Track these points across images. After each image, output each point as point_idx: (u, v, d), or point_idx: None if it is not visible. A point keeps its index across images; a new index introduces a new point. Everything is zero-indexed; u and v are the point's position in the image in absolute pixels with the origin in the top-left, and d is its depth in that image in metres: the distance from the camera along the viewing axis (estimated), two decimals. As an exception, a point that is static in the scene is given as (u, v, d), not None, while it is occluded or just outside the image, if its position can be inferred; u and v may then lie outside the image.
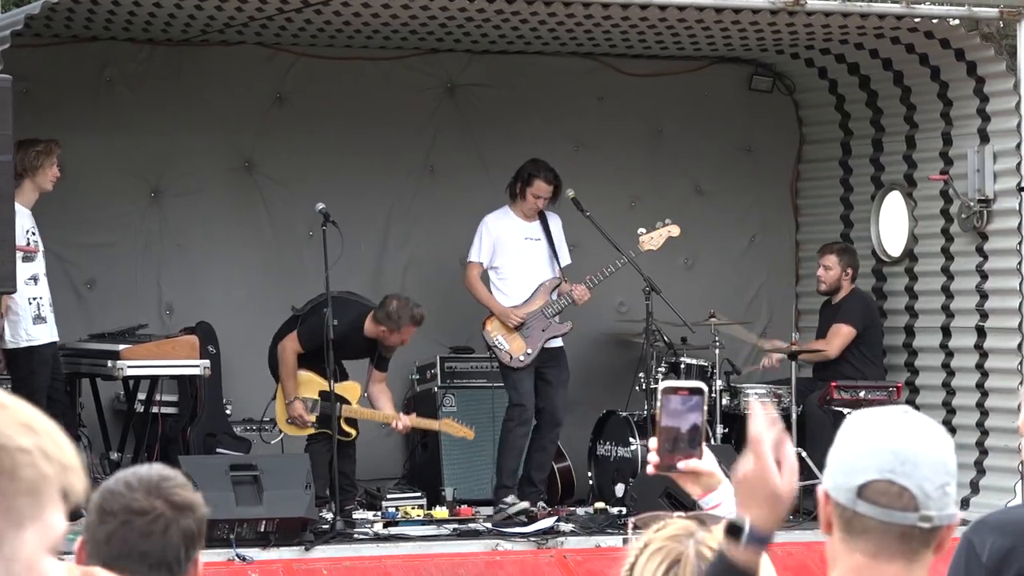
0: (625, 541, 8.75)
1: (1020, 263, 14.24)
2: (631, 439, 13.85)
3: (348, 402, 14.10)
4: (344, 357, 14.17)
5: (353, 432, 14.20)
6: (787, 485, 4.04)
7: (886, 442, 3.47)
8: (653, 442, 4.55)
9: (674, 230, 14.52)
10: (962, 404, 15.21)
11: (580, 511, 14.75)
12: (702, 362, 14.81)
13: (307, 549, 12.93)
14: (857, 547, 3.45)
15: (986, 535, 5.39)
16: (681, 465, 4.44)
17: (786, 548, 10.41)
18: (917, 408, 15.13)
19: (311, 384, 14.11)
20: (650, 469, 4.56)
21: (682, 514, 4.21)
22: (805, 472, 14.46)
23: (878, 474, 3.41)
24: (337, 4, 13.39)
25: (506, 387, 14.59)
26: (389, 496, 14.44)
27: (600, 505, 14.78)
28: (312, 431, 13.90)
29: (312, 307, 13.95)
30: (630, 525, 4.14)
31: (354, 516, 14.04)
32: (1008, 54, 14.27)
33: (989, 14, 14.12)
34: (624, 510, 12.41)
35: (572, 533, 14.04)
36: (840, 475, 3.45)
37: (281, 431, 14.21)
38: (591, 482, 15.61)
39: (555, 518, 14.22)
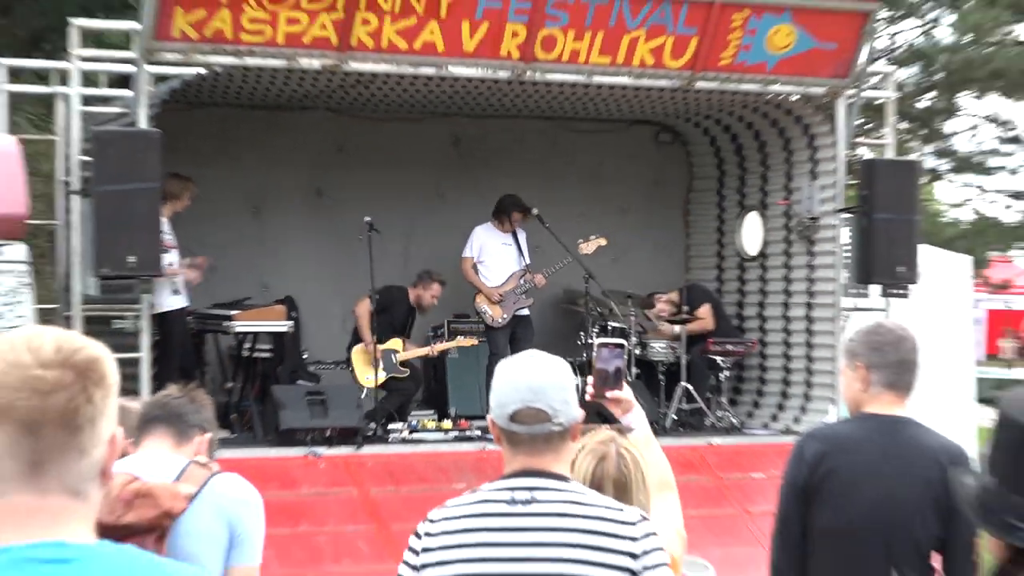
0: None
1: (835, 261, 14.77)
2: (577, 376, 13.49)
3: (397, 352, 14.45)
4: (393, 321, 14.38)
5: (407, 371, 14.63)
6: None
7: (522, 379, 4.06)
8: (590, 379, 5.16)
9: (602, 241, 14.86)
10: (795, 354, 15.39)
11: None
12: (622, 325, 14.93)
13: (358, 448, 13.14)
14: (520, 452, 4.04)
15: (809, 442, 5.67)
16: (608, 395, 5.02)
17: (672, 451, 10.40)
18: (764, 357, 15.72)
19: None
20: (587, 397, 5.14)
21: (607, 427, 4.76)
22: (689, 398, 14.95)
23: (521, 404, 4.00)
24: (379, 83, 13.89)
25: (488, 341, 14.92)
26: (413, 413, 14.79)
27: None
28: (382, 380, 14.05)
29: (381, 289, 14.20)
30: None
31: (389, 426, 14.36)
32: (830, 119, 14.61)
33: (818, 92, 14.45)
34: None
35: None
36: (498, 408, 4.00)
37: (362, 386, 14.27)
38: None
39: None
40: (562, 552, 3.82)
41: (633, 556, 3.82)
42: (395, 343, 14.35)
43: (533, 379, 4.01)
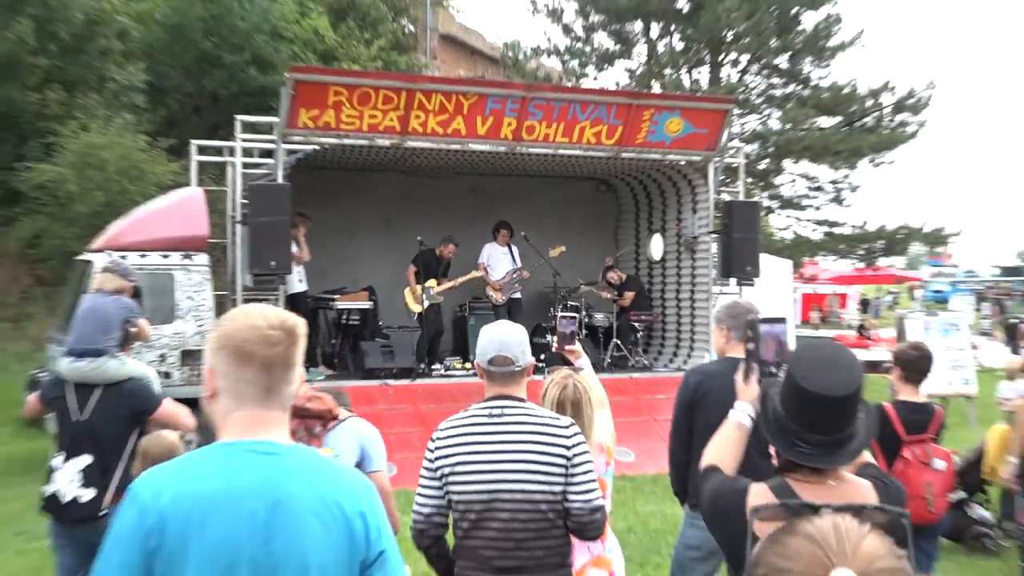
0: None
1: (708, 264, 14.83)
2: (547, 336, 13.29)
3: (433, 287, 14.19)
4: (428, 269, 14.14)
5: (441, 298, 14.36)
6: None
7: (496, 338, 4.07)
8: (555, 338, 5.22)
9: (562, 247, 14.63)
10: (684, 321, 15.32)
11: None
12: (576, 303, 14.83)
13: (412, 380, 13.09)
14: (494, 383, 4.05)
15: (692, 375, 5.51)
16: (566, 348, 5.09)
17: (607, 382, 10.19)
18: (664, 323, 15.62)
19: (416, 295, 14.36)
20: (553, 349, 5.21)
21: (567, 368, 4.75)
22: (618, 348, 14.89)
23: (495, 353, 4.02)
24: (426, 154, 13.92)
25: (493, 314, 14.51)
26: (447, 359, 14.75)
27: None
28: (425, 306, 13.90)
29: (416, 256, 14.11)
30: (546, 372, 4.36)
31: (432, 367, 14.16)
32: (704, 175, 14.62)
33: (696, 159, 14.42)
34: (544, 365, 11.32)
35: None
36: (480, 355, 4.05)
37: (412, 310, 14.24)
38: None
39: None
40: (521, 446, 3.85)
41: (566, 447, 3.85)
42: (431, 282, 14.10)
43: (502, 338, 4.05)
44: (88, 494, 5.46)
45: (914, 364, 6.21)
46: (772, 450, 2.97)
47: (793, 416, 2.82)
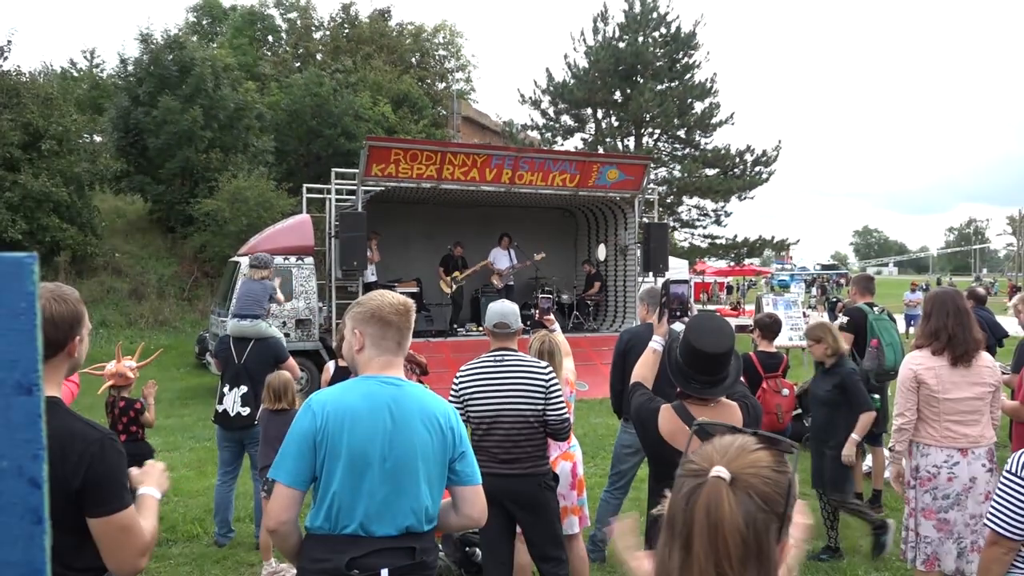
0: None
1: (636, 262, 14.73)
2: (532, 309, 13.30)
3: (457, 275, 14.15)
4: (450, 266, 14.03)
5: (464, 282, 14.24)
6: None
7: (498, 309, 4.03)
8: (537, 311, 5.12)
9: (544, 254, 14.44)
10: (619, 299, 15.26)
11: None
12: (551, 288, 14.49)
13: (446, 337, 13.12)
14: (497, 340, 4.00)
15: (624, 334, 5.43)
16: (544, 318, 4.98)
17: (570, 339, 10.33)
18: (607, 300, 15.42)
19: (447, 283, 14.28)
20: (536, 318, 5.10)
21: (545, 330, 4.66)
22: (577, 317, 14.73)
23: (498, 319, 4.00)
24: (454, 192, 13.76)
25: (498, 295, 14.08)
26: (467, 324, 14.66)
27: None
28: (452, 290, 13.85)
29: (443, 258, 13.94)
30: (532, 333, 4.33)
31: (458, 329, 14.24)
32: (633, 206, 14.52)
33: (627, 196, 14.40)
34: (530, 329, 11.57)
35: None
36: (488, 321, 4.02)
37: (444, 292, 14.05)
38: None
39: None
40: (515, 380, 3.87)
41: (544, 381, 3.86)
42: (456, 274, 13.98)
43: (502, 310, 4.06)
44: (246, 411, 5.63)
45: (768, 327, 6.24)
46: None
47: (688, 364, 2.86)
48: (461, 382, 3.94)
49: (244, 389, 5.64)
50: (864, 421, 5.28)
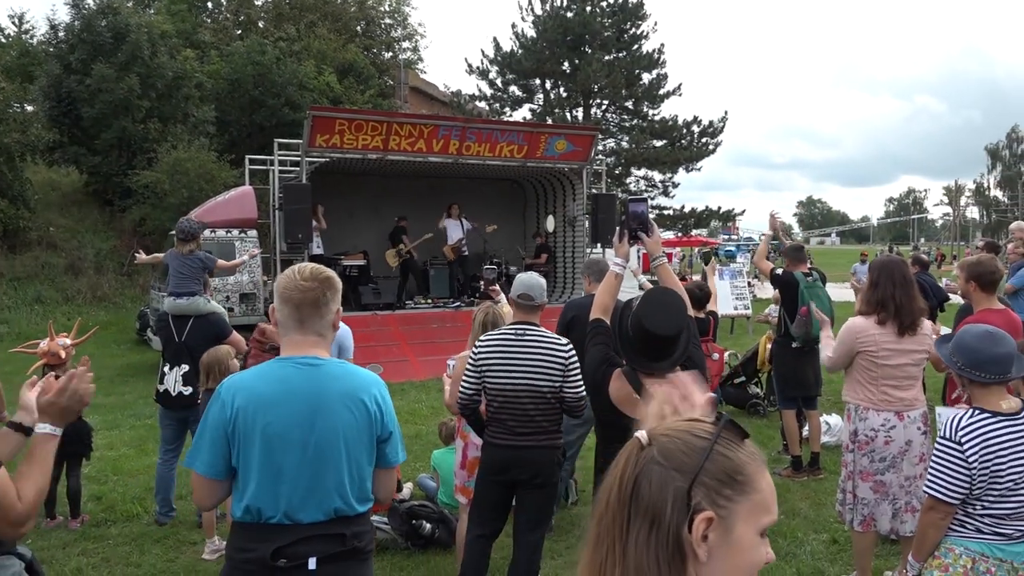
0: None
1: (585, 233, 14.77)
2: (479, 280, 13.28)
3: (403, 247, 14.08)
4: (396, 239, 13.83)
5: (408, 255, 14.03)
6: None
7: (525, 280, 3.90)
8: (483, 282, 5.06)
9: (495, 226, 14.48)
10: (568, 269, 15.19)
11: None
12: (498, 259, 14.50)
13: (394, 310, 12.95)
14: (520, 312, 3.90)
15: (568, 307, 5.49)
16: (491, 288, 4.92)
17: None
18: (555, 271, 15.45)
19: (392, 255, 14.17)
20: (483, 289, 5.04)
21: (490, 301, 4.70)
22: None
23: (523, 290, 3.88)
24: (400, 164, 13.55)
25: (448, 268, 14.53)
26: (415, 297, 14.48)
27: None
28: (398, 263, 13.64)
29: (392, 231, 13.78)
30: (476, 303, 4.30)
31: (406, 301, 13.98)
32: (581, 177, 14.50)
33: (576, 167, 14.35)
34: (476, 299, 11.39)
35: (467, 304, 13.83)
36: (514, 291, 3.87)
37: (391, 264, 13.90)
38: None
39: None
40: (535, 356, 3.79)
41: (564, 358, 3.78)
42: (400, 246, 13.86)
43: (529, 282, 3.96)
44: (187, 390, 5.53)
45: (697, 299, 6.35)
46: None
47: (636, 341, 2.82)
48: (480, 352, 3.85)
49: (185, 368, 5.51)
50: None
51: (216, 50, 25.51)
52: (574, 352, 3.80)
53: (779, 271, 6.81)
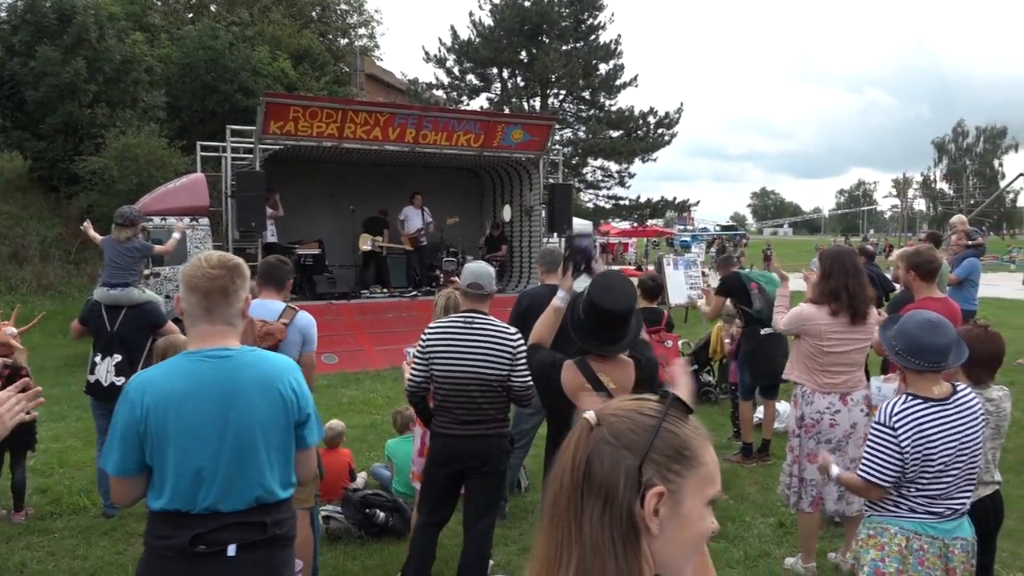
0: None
1: (541, 222, 14.80)
2: (436, 270, 13.19)
3: (370, 238, 13.92)
4: (370, 230, 13.67)
5: (381, 249, 14.02)
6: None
7: (474, 269, 3.90)
8: (442, 273, 5.04)
9: (456, 218, 14.38)
10: (524, 259, 15.25)
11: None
12: (456, 250, 14.49)
13: (349, 299, 12.85)
14: (469, 300, 3.88)
15: (523, 296, 5.47)
16: (450, 278, 4.90)
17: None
18: (512, 260, 15.47)
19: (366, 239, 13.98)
20: (442, 280, 5.03)
21: (451, 288, 4.67)
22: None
23: (472, 278, 3.89)
24: (356, 152, 13.44)
25: (406, 258, 14.42)
26: (372, 286, 14.35)
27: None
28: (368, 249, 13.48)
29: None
30: (438, 291, 4.30)
31: (362, 291, 14.00)
32: (538, 166, 14.54)
33: (532, 156, 14.29)
34: (436, 288, 11.25)
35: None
36: (463, 280, 3.86)
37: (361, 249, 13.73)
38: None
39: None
40: (483, 344, 3.78)
41: (512, 347, 3.78)
42: (379, 238, 13.85)
43: (478, 271, 3.93)
44: (120, 380, 5.35)
45: (649, 289, 6.48)
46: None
47: (589, 321, 2.86)
48: (428, 340, 3.84)
49: (118, 358, 5.37)
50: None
51: (167, 34, 24.94)
52: (523, 341, 3.80)
53: (720, 282, 7.02)
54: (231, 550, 2.16)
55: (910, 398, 2.80)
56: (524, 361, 3.75)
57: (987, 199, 59.95)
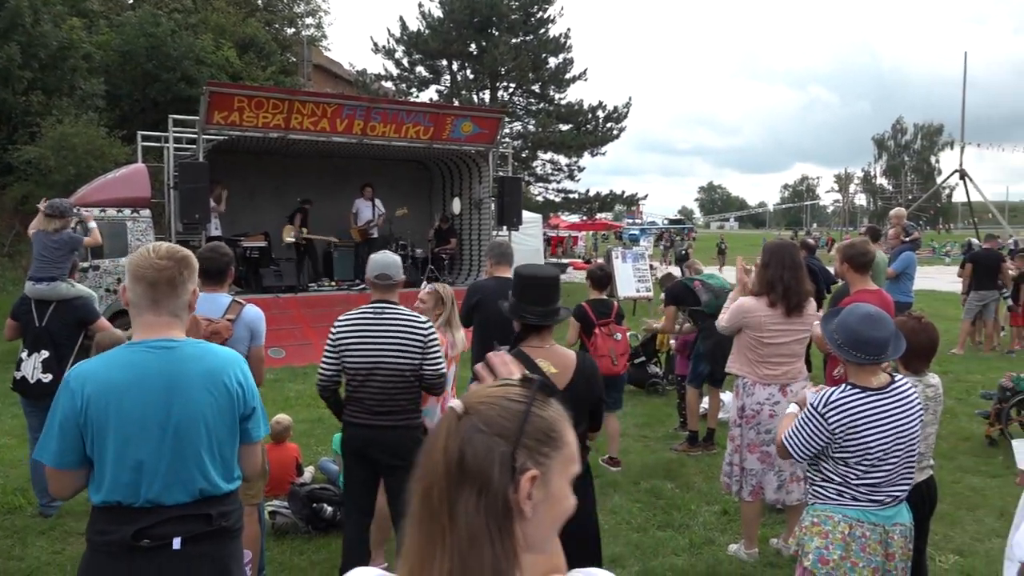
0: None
1: (491, 215, 14.77)
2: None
3: (294, 230, 13.82)
4: (294, 220, 13.54)
5: (305, 242, 13.85)
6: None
7: (381, 260, 3.92)
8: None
9: (405, 210, 14.34)
10: (474, 252, 15.28)
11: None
12: (405, 242, 14.44)
13: (296, 293, 12.71)
14: (378, 291, 3.87)
15: (471, 289, 5.45)
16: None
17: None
18: (462, 253, 15.43)
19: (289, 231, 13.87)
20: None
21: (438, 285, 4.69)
22: (432, 270, 14.65)
23: (380, 269, 3.89)
24: (302, 143, 13.29)
25: (355, 251, 14.29)
26: (319, 280, 14.30)
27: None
28: (292, 241, 13.35)
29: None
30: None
31: (309, 284, 13.89)
32: (487, 159, 14.53)
33: (482, 149, 14.35)
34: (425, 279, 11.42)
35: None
36: (370, 272, 3.90)
37: (286, 241, 13.64)
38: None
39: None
40: (393, 333, 3.77)
41: (423, 336, 3.78)
42: (303, 229, 13.66)
43: (385, 261, 3.93)
44: (47, 377, 5.25)
45: (599, 279, 6.53)
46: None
47: (520, 297, 2.92)
48: (338, 331, 3.84)
49: (46, 354, 5.23)
50: None
51: (106, 20, 24.31)
52: (433, 329, 3.86)
53: (666, 293, 7.18)
54: (176, 543, 2.14)
55: (848, 388, 2.90)
56: (436, 349, 3.83)
57: (924, 195, 61.72)
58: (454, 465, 1.02)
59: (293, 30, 32.64)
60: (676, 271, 15.08)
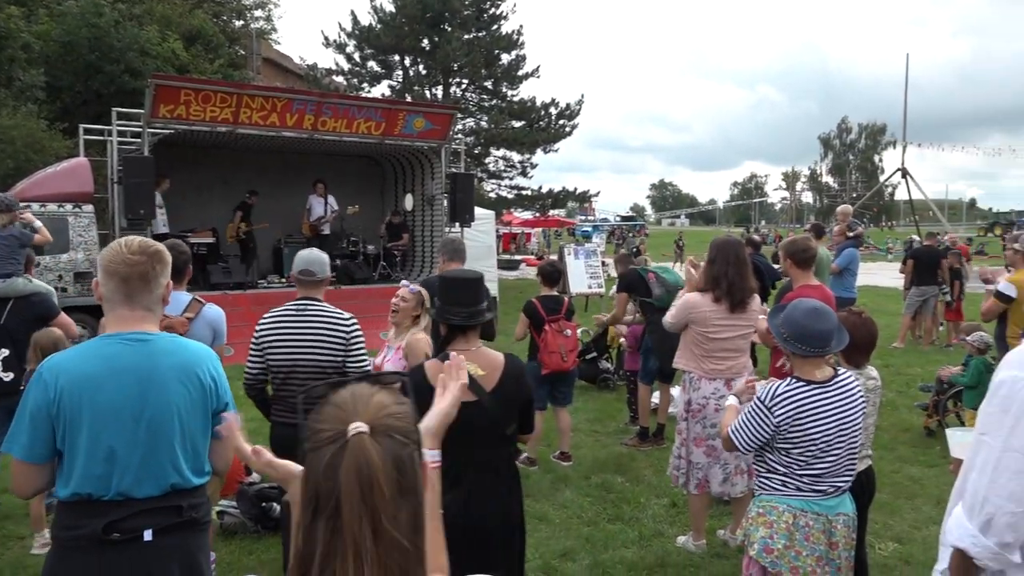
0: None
1: (443, 212, 14.74)
2: (337, 260, 13.07)
3: (251, 225, 13.60)
4: (246, 216, 13.34)
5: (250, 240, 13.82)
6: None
7: (305, 256, 3.88)
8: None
9: (357, 207, 14.18)
10: (426, 250, 15.17)
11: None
12: (356, 239, 14.39)
13: (245, 290, 12.56)
14: (303, 288, 3.83)
15: (426, 288, 5.47)
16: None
17: (377, 291, 10.08)
18: (414, 250, 15.29)
19: (232, 228, 13.65)
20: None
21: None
22: (362, 269, 14.53)
23: (304, 265, 3.84)
24: (251, 138, 13.09)
25: (306, 245, 14.07)
26: (269, 276, 14.10)
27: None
28: (237, 237, 13.16)
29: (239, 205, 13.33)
30: (401, 282, 4.19)
31: (258, 281, 13.72)
32: (439, 155, 14.48)
33: (434, 146, 14.26)
34: (333, 279, 11.26)
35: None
36: (295, 267, 3.84)
37: (228, 238, 13.42)
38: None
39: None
40: (315, 331, 3.75)
41: (346, 333, 3.76)
42: (242, 224, 13.56)
43: (309, 258, 3.88)
44: (8, 376, 5.14)
45: (549, 275, 6.58)
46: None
47: (445, 299, 2.90)
48: (261, 330, 3.82)
49: (5, 352, 5.10)
50: None
51: (46, 9, 23.58)
52: (357, 326, 3.83)
53: (619, 278, 7.20)
54: (147, 535, 2.15)
55: (793, 381, 2.98)
56: (360, 345, 3.80)
57: (868, 192, 63.26)
58: (393, 486, 1.07)
59: (242, 23, 32.09)
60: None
